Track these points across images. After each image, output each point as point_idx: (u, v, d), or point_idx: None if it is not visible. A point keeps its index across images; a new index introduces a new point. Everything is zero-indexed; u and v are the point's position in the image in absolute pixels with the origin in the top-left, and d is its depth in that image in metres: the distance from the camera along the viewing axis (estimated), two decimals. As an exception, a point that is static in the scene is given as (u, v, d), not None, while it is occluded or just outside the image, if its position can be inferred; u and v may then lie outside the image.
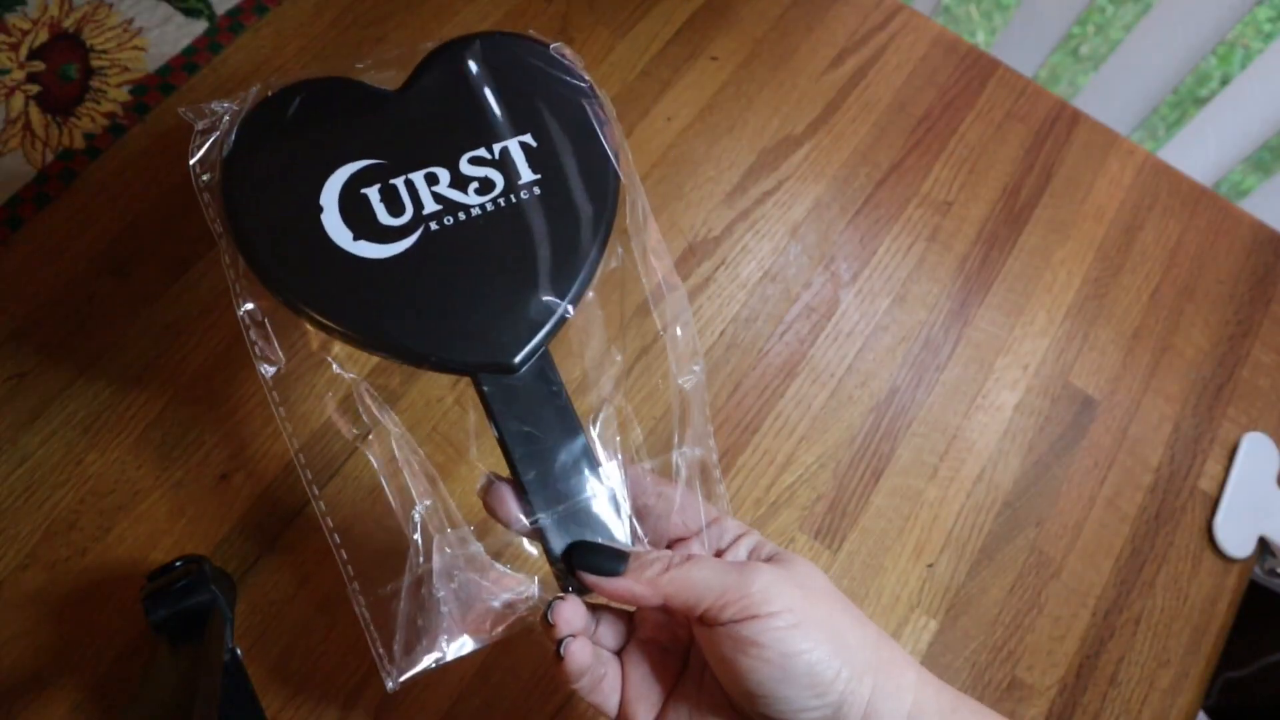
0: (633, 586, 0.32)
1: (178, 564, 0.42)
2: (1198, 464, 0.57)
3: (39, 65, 0.58)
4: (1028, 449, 0.56)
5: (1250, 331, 0.61)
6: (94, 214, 0.54)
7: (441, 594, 0.33)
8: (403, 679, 0.34)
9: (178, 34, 0.60)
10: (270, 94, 0.37)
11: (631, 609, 0.36)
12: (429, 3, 0.62)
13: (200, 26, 0.60)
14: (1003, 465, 0.55)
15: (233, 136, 0.36)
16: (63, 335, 0.51)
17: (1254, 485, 0.57)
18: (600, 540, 0.34)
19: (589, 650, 0.33)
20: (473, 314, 0.35)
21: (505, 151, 0.37)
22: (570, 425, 0.35)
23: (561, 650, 0.32)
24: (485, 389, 0.35)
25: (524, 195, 0.37)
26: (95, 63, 0.58)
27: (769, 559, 0.33)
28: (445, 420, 0.51)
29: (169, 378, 0.51)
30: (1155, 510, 0.56)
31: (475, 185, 0.37)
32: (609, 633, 0.36)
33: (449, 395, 0.51)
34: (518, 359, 0.35)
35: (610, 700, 0.34)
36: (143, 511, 0.48)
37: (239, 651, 0.43)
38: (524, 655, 0.48)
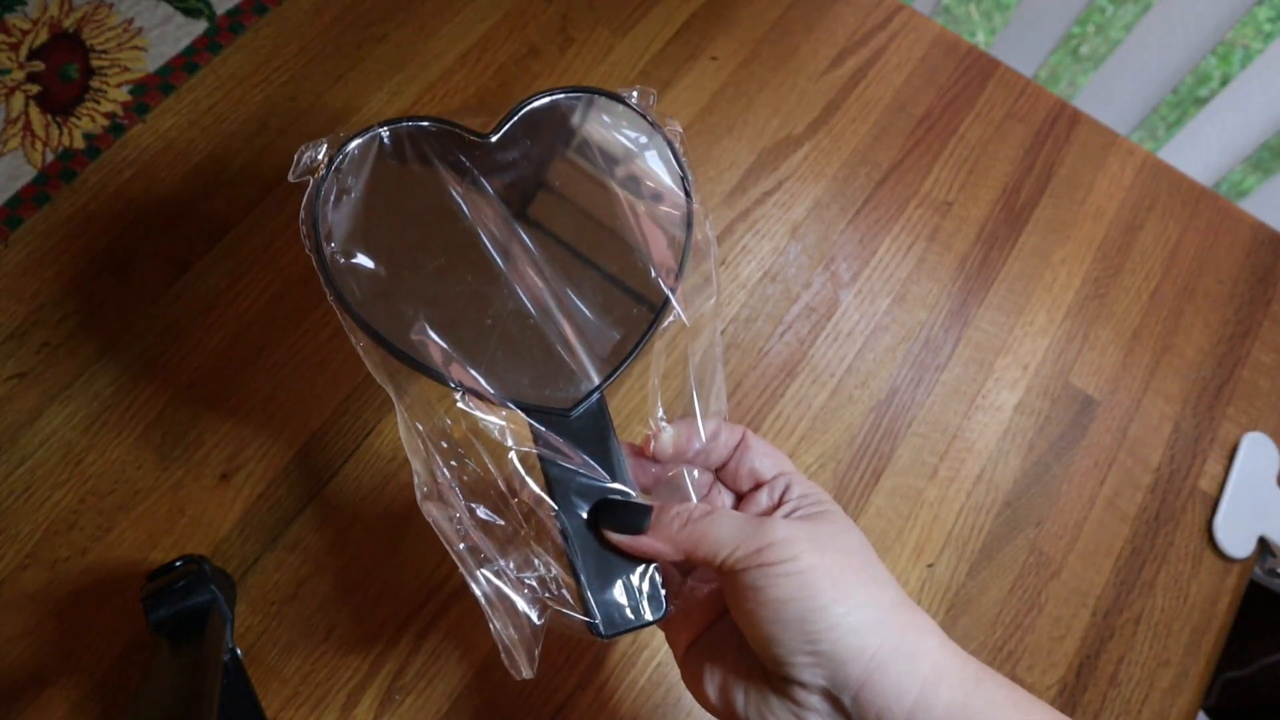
0: (654, 544, 0.32)
1: (178, 564, 0.42)
2: (1198, 464, 0.57)
3: (39, 65, 0.58)
4: (1028, 449, 0.56)
5: (1250, 331, 0.61)
6: (94, 214, 0.54)
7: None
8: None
9: (178, 34, 0.60)
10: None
11: None
12: (429, 2, 0.62)
13: (200, 26, 0.60)
14: (1003, 465, 0.55)
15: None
16: (63, 335, 0.51)
17: (1254, 485, 0.57)
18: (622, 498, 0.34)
19: None
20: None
21: None
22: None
23: None
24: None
25: None
26: (95, 63, 0.58)
27: (807, 516, 0.33)
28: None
29: (169, 378, 0.51)
30: (1155, 510, 0.56)
31: None
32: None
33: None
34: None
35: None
36: (143, 511, 0.48)
37: (239, 651, 0.44)
38: (524, 655, 0.48)
